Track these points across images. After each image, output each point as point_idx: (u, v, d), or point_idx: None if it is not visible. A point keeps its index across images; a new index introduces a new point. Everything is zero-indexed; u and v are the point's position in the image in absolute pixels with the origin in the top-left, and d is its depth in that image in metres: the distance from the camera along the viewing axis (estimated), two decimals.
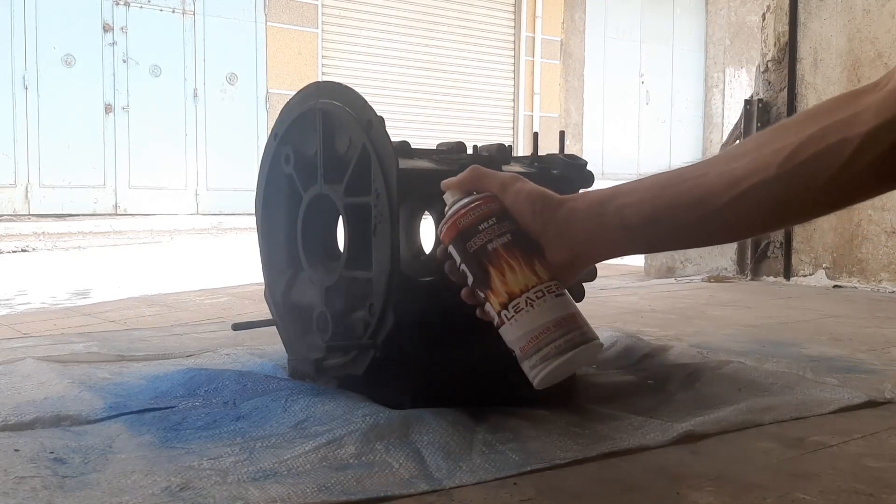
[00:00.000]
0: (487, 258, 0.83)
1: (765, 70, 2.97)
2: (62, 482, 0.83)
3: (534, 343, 0.80)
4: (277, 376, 1.24)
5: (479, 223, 0.84)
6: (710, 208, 0.71)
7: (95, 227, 6.61)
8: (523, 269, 0.81)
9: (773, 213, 0.71)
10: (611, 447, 0.95)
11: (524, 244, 0.82)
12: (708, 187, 0.71)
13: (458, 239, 0.85)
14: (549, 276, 0.81)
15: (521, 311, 0.81)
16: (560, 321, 0.80)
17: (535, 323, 0.80)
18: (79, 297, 2.83)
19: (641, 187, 0.78)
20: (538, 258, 0.82)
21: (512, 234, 0.83)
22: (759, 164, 0.68)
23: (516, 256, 0.82)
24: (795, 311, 2.15)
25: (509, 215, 0.84)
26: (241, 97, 8.08)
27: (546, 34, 10.17)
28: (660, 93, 11.71)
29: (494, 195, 0.85)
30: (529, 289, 0.80)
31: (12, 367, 1.31)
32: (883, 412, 1.14)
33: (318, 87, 1.18)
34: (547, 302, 0.80)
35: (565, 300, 0.81)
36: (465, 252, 0.84)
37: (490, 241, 0.83)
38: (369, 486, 0.83)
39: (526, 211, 0.83)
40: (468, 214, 0.84)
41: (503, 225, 0.83)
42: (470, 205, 0.85)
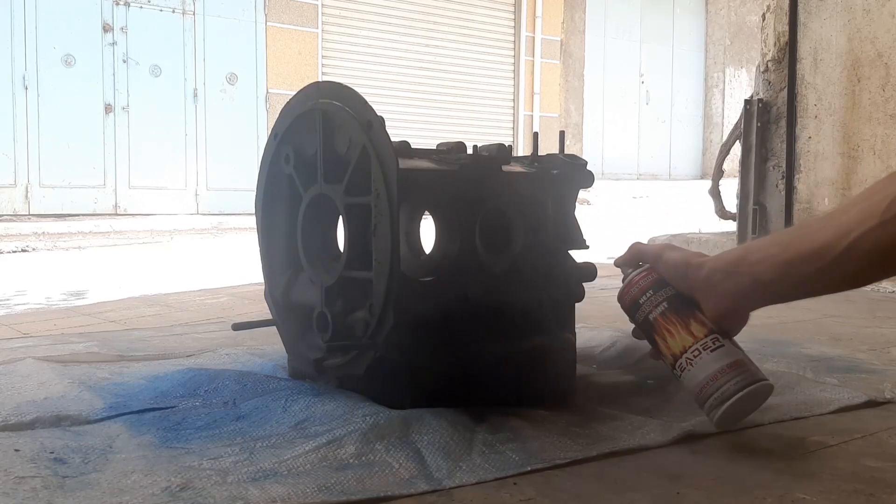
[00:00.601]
0: (651, 328, 0.98)
1: (765, 70, 2.97)
2: (62, 482, 0.83)
3: (704, 392, 0.94)
4: (277, 376, 1.24)
5: (640, 297, 0.99)
6: (827, 260, 0.77)
7: (95, 227, 6.61)
8: (680, 333, 0.94)
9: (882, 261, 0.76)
10: (611, 447, 0.95)
11: (679, 308, 0.95)
12: (823, 240, 0.77)
13: (630, 312, 1.01)
14: (706, 333, 0.94)
15: (685, 371, 0.95)
16: (724, 370, 0.92)
17: (697, 378, 0.94)
18: (79, 297, 2.83)
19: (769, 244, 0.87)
20: (694, 317, 0.95)
21: (668, 301, 0.96)
22: (867, 213, 0.73)
23: (672, 322, 0.95)
24: (795, 311, 2.15)
25: (664, 284, 0.97)
26: (241, 97, 8.08)
27: (546, 34, 10.17)
28: (660, 93, 11.71)
29: (651, 267, 0.99)
30: (687, 349, 0.94)
31: (12, 367, 1.31)
32: (883, 412, 1.14)
33: (318, 87, 1.18)
34: (703, 358, 0.93)
35: (723, 351, 0.93)
36: (637, 321, 1.01)
37: (650, 312, 0.97)
38: (369, 486, 0.83)
39: (675, 277, 0.95)
40: (632, 289, 1.00)
41: (659, 295, 0.97)
42: (633, 280, 1.00)
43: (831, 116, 2.75)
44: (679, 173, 11.90)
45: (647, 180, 11.28)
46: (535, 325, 1.18)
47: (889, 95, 2.59)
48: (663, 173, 11.76)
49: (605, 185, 9.48)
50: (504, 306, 1.16)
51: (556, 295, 1.21)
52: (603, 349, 1.45)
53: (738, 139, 3.05)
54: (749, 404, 0.95)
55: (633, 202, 9.63)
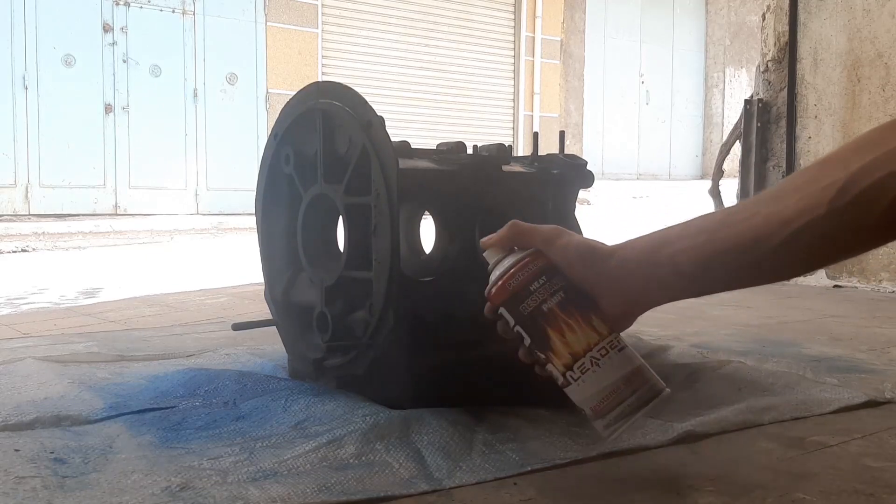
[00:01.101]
0: (544, 319, 0.81)
1: (765, 70, 2.97)
2: (62, 482, 0.83)
3: (605, 403, 0.79)
4: (277, 376, 1.24)
5: (530, 283, 0.81)
6: (763, 251, 0.71)
7: (95, 227, 6.62)
8: (582, 328, 0.80)
9: (825, 251, 0.69)
10: (611, 447, 0.95)
11: (579, 300, 0.81)
12: (758, 230, 0.71)
13: (511, 301, 0.82)
14: (609, 330, 0.80)
15: (588, 372, 0.79)
16: (628, 378, 0.79)
17: (602, 382, 0.79)
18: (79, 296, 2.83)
19: (691, 232, 0.77)
20: (594, 312, 0.80)
21: (565, 290, 0.81)
22: (809, 202, 0.67)
23: (573, 314, 0.80)
24: (795, 311, 2.15)
25: (559, 271, 0.82)
26: (241, 97, 8.08)
27: (546, 34, 10.17)
28: (660, 93, 11.72)
29: (539, 251, 0.83)
30: (592, 347, 0.79)
31: (12, 367, 1.31)
32: (883, 412, 1.14)
33: (318, 87, 1.18)
34: (612, 359, 0.79)
35: (628, 353, 0.81)
36: (520, 314, 0.82)
37: (544, 302, 0.81)
38: (369, 486, 0.83)
39: (576, 264, 0.81)
40: (517, 275, 0.82)
41: (554, 282, 0.81)
42: (517, 264, 0.82)
43: (831, 116, 2.75)
44: (679, 173, 11.91)
45: (647, 180, 11.28)
46: None
47: (889, 95, 2.59)
48: (663, 173, 11.76)
49: (605, 185, 9.48)
50: None
51: None
52: None
53: (738, 139, 3.05)
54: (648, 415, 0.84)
55: (633, 202, 9.63)
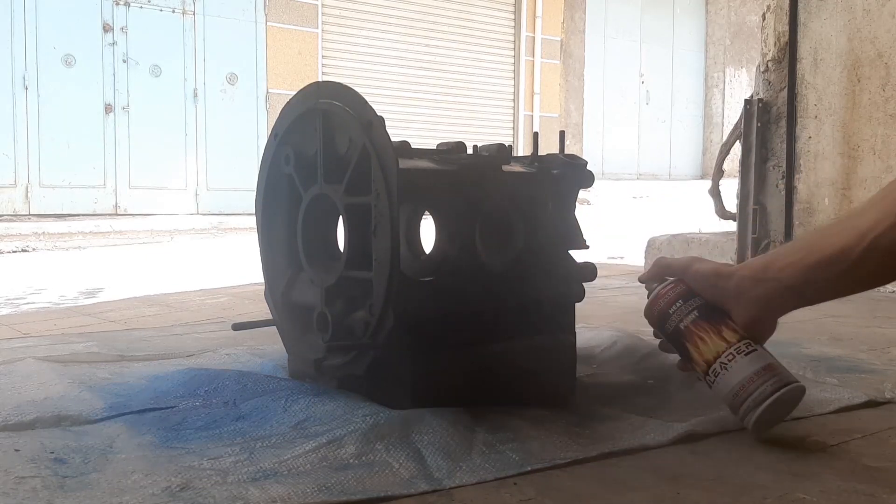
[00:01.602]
0: (682, 336, 0.99)
1: (765, 70, 2.97)
2: (62, 482, 0.83)
3: (738, 398, 0.95)
4: (277, 376, 1.24)
5: (669, 307, 1.00)
6: (849, 260, 0.79)
7: (95, 227, 6.62)
8: (713, 339, 0.96)
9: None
10: (611, 447, 0.95)
11: (710, 316, 0.97)
12: (844, 242, 0.80)
13: (659, 323, 1.02)
14: (739, 338, 0.96)
15: (720, 375, 0.96)
16: (757, 374, 0.94)
17: (732, 382, 0.95)
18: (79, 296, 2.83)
19: (794, 249, 0.91)
20: (725, 324, 0.96)
21: (698, 310, 0.98)
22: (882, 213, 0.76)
23: (705, 329, 0.96)
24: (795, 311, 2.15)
25: (693, 294, 0.99)
26: (241, 97, 8.08)
27: (546, 34, 10.16)
28: (660, 93, 11.71)
29: (678, 279, 1.01)
30: (721, 354, 0.95)
31: (12, 367, 1.31)
32: (883, 412, 1.14)
33: (318, 87, 1.18)
34: (739, 362, 0.95)
35: (757, 355, 0.95)
36: (666, 333, 1.02)
37: (681, 321, 0.99)
38: (369, 486, 0.83)
39: (705, 287, 0.97)
40: (660, 301, 1.01)
41: (689, 304, 0.99)
42: (660, 293, 1.01)
43: (831, 116, 2.75)
44: (679, 173, 11.91)
45: (647, 180, 11.28)
46: (535, 325, 1.18)
47: (889, 95, 2.59)
48: (663, 173, 11.76)
49: (605, 185, 9.48)
50: (504, 306, 1.16)
51: (556, 295, 1.21)
52: (603, 349, 1.45)
53: (738, 139, 3.04)
54: (783, 407, 0.97)
55: (633, 202, 9.63)
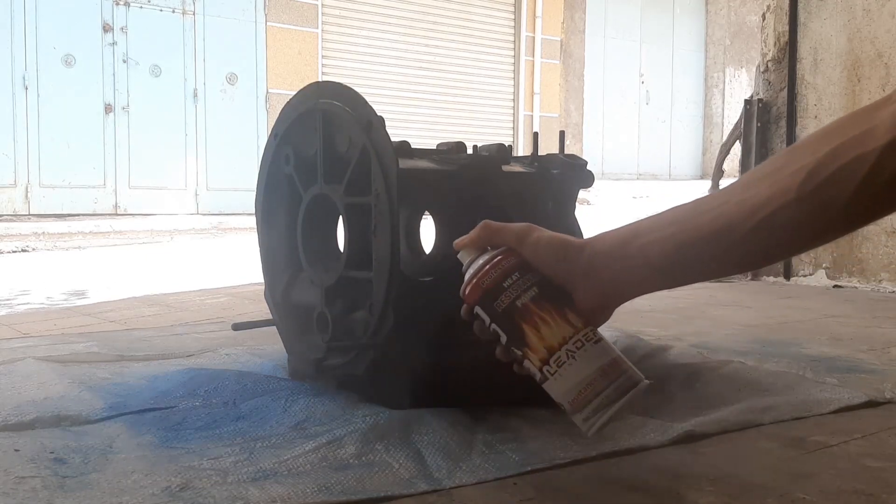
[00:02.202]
0: (519, 315, 0.81)
1: (765, 70, 2.97)
2: (62, 482, 0.83)
3: (582, 396, 0.78)
4: (277, 376, 1.24)
5: (503, 280, 0.81)
6: (733, 238, 0.70)
7: (95, 227, 6.61)
8: (557, 322, 0.79)
9: (796, 237, 0.69)
10: (611, 447, 0.95)
11: (552, 295, 0.81)
12: (729, 217, 0.70)
13: (484, 299, 0.82)
14: (584, 323, 0.80)
15: (564, 365, 0.79)
16: (604, 370, 0.78)
17: (579, 375, 0.79)
18: (79, 297, 2.83)
19: (662, 223, 0.77)
20: (569, 306, 0.80)
21: (538, 286, 0.81)
22: (778, 188, 0.67)
23: (547, 309, 0.80)
24: (795, 311, 2.15)
25: (531, 267, 0.82)
26: (241, 97, 8.08)
27: (546, 34, 10.16)
28: (660, 93, 11.71)
29: (511, 248, 0.83)
30: (568, 340, 0.79)
31: (12, 367, 1.31)
32: (883, 412, 1.14)
33: (318, 87, 1.18)
34: (588, 351, 0.79)
35: (604, 346, 0.80)
36: (494, 312, 0.82)
37: (518, 298, 0.81)
38: (369, 486, 0.83)
39: (548, 260, 0.81)
40: (490, 273, 0.82)
41: (527, 278, 0.81)
42: (490, 262, 0.82)
43: (831, 116, 2.75)
44: (679, 173, 11.90)
45: (647, 180, 11.28)
46: None
47: None
48: (663, 173, 11.76)
49: (605, 185, 9.48)
50: None
51: None
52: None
53: (738, 139, 3.04)
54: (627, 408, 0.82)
55: (633, 202, 9.63)
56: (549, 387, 0.80)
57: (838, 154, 0.64)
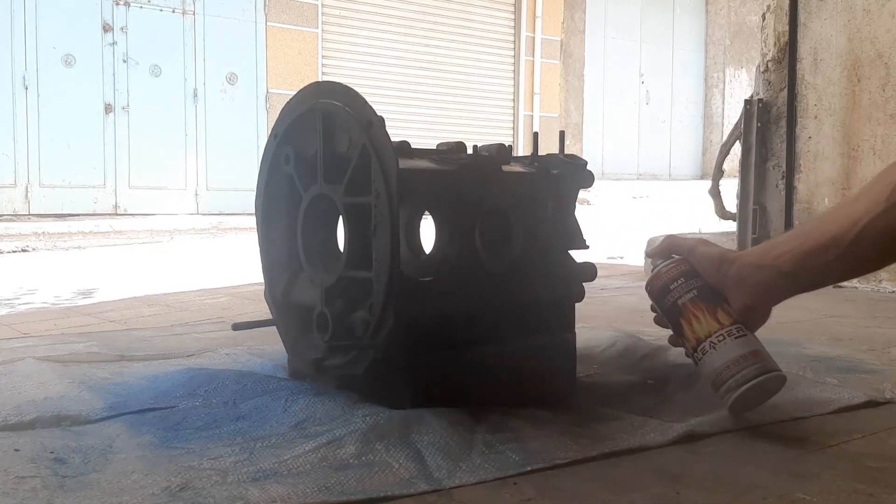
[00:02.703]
0: (678, 311, 1.03)
1: (765, 70, 2.97)
2: (62, 482, 0.83)
3: (719, 378, 0.99)
4: (277, 376, 1.24)
5: (671, 283, 1.04)
6: (840, 248, 0.82)
7: (95, 227, 6.61)
8: (707, 319, 1.00)
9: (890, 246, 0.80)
10: (611, 447, 0.95)
11: (708, 297, 1.01)
12: (837, 228, 0.83)
13: (658, 296, 1.06)
14: (731, 322, 0.99)
15: (707, 353, 1.00)
16: (740, 358, 0.98)
17: (717, 362, 0.99)
18: (79, 296, 2.83)
19: (792, 236, 0.94)
20: (721, 307, 1.00)
21: (697, 290, 1.02)
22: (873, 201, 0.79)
23: (700, 308, 1.01)
24: (795, 311, 2.15)
25: (696, 274, 1.03)
26: (241, 97, 8.08)
27: (546, 34, 10.16)
28: (660, 93, 11.71)
29: (684, 258, 1.05)
30: (712, 334, 1.00)
31: (12, 367, 1.31)
32: (883, 412, 1.14)
33: (318, 87, 1.18)
34: (727, 344, 0.99)
35: (746, 340, 0.99)
36: (664, 307, 1.06)
37: (680, 297, 1.03)
38: (369, 486, 0.83)
39: (709, 269, 1.01)
40: (663, 276, 1.05)
41: (690, 283, 1.03)
42: (665, 267, 1.06)
43: (831, 116, 2.75)
44: (679, 173, 11.90)
45: (647, 180, 11.28)
46: (535, 326, 1.18)
47: (889, 95, 2.59)
48: (663, 173, 11.76)
49: (605, 185, 9.48)
50: (504, 306, 1.16)
51: (556, 295, 1.21)
52: (603, 349, 1.45)
53: (738, 139, 3.04)
54: (763, 393, 1.00)
55: (633, 202, 9.63)
56: (700, 370, 1.02)
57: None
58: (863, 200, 0.80)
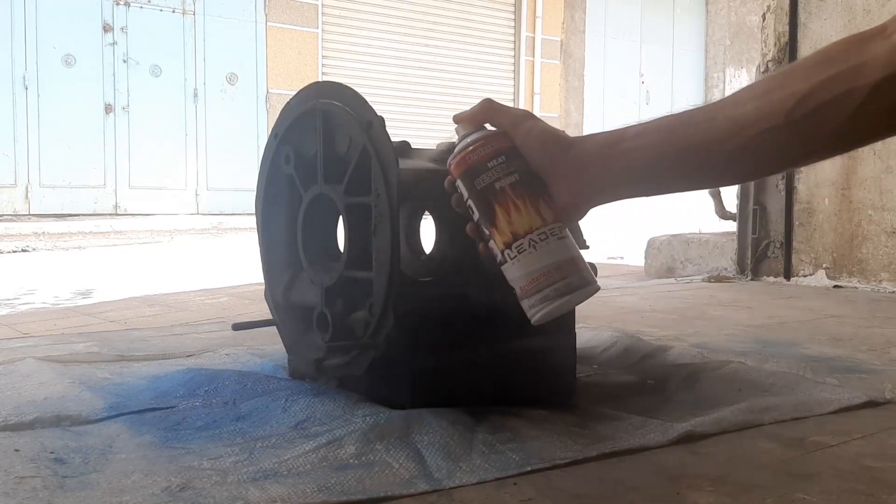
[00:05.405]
0: (494, 197, 0.83)
1: (765, 70, 2.97)
2: (62, 482, 0.83)
3: (534, 284, 0.82)
4: (277, 376, 1.24)
5: (489, 160, 0.83)
6: (717, 153, 0.72)
7: (95, 227, 6.62)
8: (529, 211, 0.82)
9: (780, 159, 0.73)
10: (611, 447, 0.95)
11: (532, 184, 0.82)
12: (716, 132, 0.72)
13: (467, 174, 0.84)
14: (553, 219, 0.82)
15: (524, 252, 0.82)
16: (560, 264, 0.81)
17: (536, 265, 0.81)
18: (79, 297, 2.83)
19: (650, 130, 0.78)
20: (544, 199, 0.82)
21: (520, 173, 0.82)
22: (768, 110, 0.69)
23: (523, 197, 0.82)
24: (795, 311, 2.15)
25: (519, 154, 0.83)
26: (241, 97, 8.08)
27: (546, 34, 10.16)
28: (660, 93, 11.71)
29: (505, 132, 0.84)
30: (533, 230, 0.81)
31: (12, 367, 1.31)
32: (883, 412, 1.14)
33: (318, 87, 1.18)
34: (550, 244, 0.81)
35: (567, 243, 0.82)
36: (473, 188, 0.84)
37: (498, 180, 0.83)
38: (369, 486, 0.83)
39: (536, 150, 0.82)
40: (478, 150, 0.84)
41: (512, 164, 0.83)
42: (480, 140, 0.84)
43: None
44: None
45: None
46: (535, 326, 1.18)
47: None
48: None
49: None
50: (504, 306, 1.15)
51: None
52: (603, 349, 1.45)
53: None
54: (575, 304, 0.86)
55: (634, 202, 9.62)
56: (506, 270, 0.84)
57: (828, 86, 0.66)
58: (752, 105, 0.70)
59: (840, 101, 0.65)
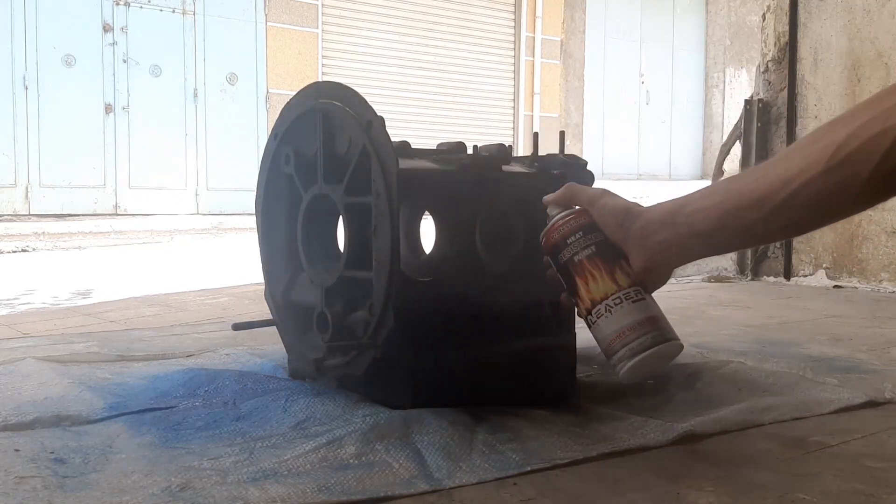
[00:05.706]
0: (574, 269, 0.92)
1: (765, 70, 2.97)
2: (62, 482, 0.83)
3: (615, 343, 0.89)
4: (277, 376, 1.24)
5: (568, 237, 0.92)
6: (768, 208, 0.75)
7: (95, 227, 6.61)
8: (604, 279, 0.90)
9: (823, 209, 0.74)
10: (611, 447, 0.95)
11: (607, 254, 0.90)
12: (766, 188, 0.75)
13: (553, 251, 0.94)
14: (630, 283, 0.89)
15: (602, 317, 0.90)
16: (636, 325, 0.88)
17: (613, 326, 0.89)
18: (79, 297, 2.83)
19: (709, 193, 0.85)
20: (620, 267, 0.90)
21: (596, 245, 0.91)
22: (810, 160, 0.72)
23: (598, 267, 0.90)
24: (795, 311, 2.15)
25: (596, 228, 0.92)
26: (241, 97, 8.08)
27: (546, 34, 10.16)
28: (660, 93, 11.70)
29: (584, 210, 0.93)
30: (609, 296, 0.89)
31: (12, 367, 1.31)
32: (883, 412, 1.14)
33: (318, 87, 1.18)
34: (624, 308, 0.88)
35: (644, 304, 0.89)
36: (558, 263, 0.94)
37: (576, 254, 0.92)
38: (369, 486, 0.83)
39: (611, 223, 0.90)
40: (560, 229, 0.93)
41: (589, 238, 0.91)
42: (561, 220, 0.94)
43: (831, 117, 2.74)
44: (679, 173, 11.90)
45: (647, 180, 11.27)
46: (535, 326, 1.18)
47: None
48: (663, 173, 11.76)
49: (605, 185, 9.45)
50: (504, 306, 1.16)
51: (556, 295, 1.21)
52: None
53: (738, 139, 3.04)
54: (658, 361, 0.92)
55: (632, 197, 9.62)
56: (593, 333, 0.91)
57: (867, 127, 0.66)
58: (796, 159, 0.73)
59: (873, 142, 0.66)
